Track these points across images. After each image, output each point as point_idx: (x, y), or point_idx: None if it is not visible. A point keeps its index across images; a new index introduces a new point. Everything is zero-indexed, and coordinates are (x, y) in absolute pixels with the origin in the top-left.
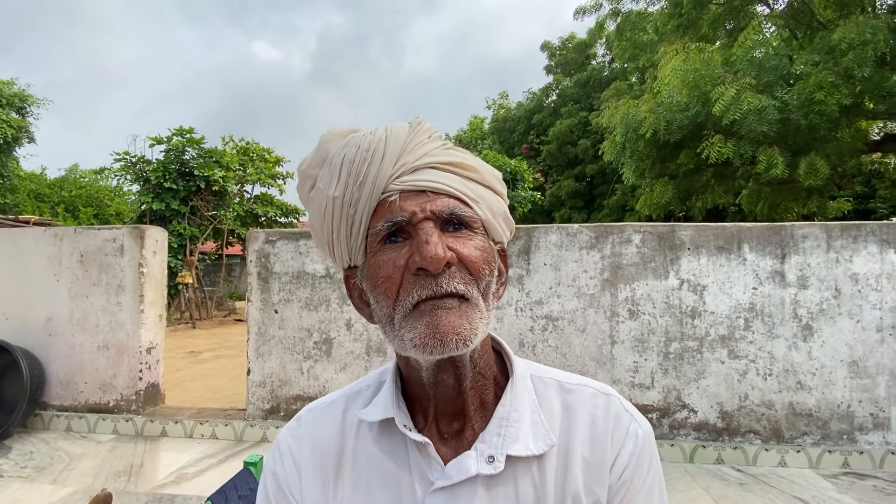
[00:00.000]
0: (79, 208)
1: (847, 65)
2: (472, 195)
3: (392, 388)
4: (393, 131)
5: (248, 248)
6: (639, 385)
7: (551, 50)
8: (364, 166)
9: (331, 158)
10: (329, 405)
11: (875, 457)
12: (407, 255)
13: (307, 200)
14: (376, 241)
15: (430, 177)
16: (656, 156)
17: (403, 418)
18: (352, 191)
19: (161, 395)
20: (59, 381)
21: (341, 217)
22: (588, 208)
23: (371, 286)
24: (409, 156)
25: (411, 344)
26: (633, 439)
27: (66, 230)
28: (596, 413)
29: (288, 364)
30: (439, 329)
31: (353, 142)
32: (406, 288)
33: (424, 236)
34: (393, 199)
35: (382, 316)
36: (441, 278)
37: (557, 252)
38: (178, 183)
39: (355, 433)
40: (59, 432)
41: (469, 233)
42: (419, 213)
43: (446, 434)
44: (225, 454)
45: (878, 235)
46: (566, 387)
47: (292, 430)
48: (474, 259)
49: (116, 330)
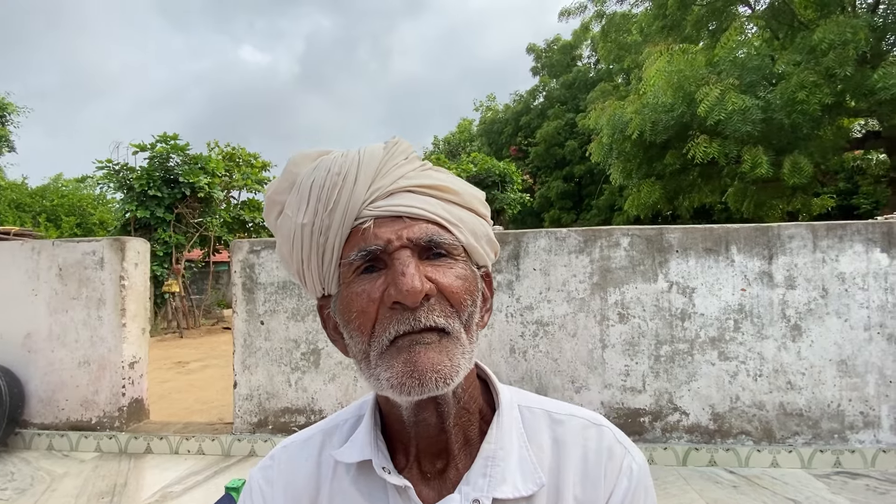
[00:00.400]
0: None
1: (828, 64)
2: (453, 219)
3: (370, 426)
4: (366, 153)
5: (233, 259)
6: (630, 389)
7: (537, 52)
8: (335, 191)
9: (299, 183)
10: (305, 442)
11: (867, 456)
12: (382, 286)
13: (275, 228)
14: (349, 272)
15: (406, 201)
16: (643, 156)
17: (382, 459)
18: (322, 217)
19: (145, 411)
20: (40, 398)
21: (311, 245)
22: (577, 209)
23: (344, 320)
24: (383, 179)
25: (388, 384)
26: (628, 475)
27: (43, 243)
28: (588, 446)
29: (275, 376)
30: (417, 367)
31: (322, 165)
32: (382, 323)
33: (401, 267)
34: (367, 226)
35: (357, 352)
36: (419, 312)
37: (547, 257)
38: (162, 190)
39: (332, 474)
40: (40, 451)
41: (449, 260)
42: (395, 241)
43: (429, 473)
44: (212, 470)
45: (863, 235)
46: (555, 417)
47: (264, 471)
48: (455, 289)
49: (97, 345)
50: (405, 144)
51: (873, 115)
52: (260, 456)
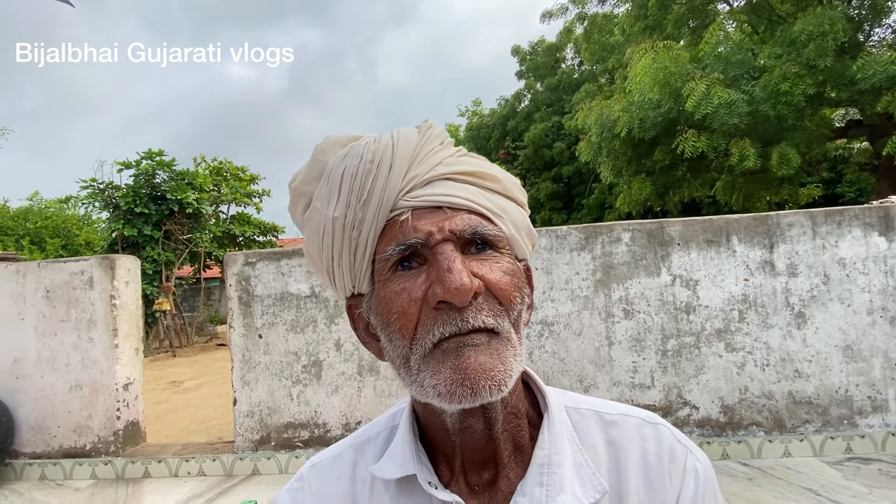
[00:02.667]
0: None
1: (808, 55)
2: (496, 209)
3: (409, 437)
4: (400, 138)
5: (227, 272)
6: (639, 385)
7: (521, 55)
8: (368, 180)
9: (328, 172)
10: (335, 459)
11: (876, 440)
12: (424, 284)
13: (302, 222)
14: (385, 268)
15: (446, 190)
16: (632, 153)
17: (427, 474)
18: (355, 210)
19: (142, 433)
20: (30, 426)
21: (343, 241)
22: (567, 209)
23: (383, 322)
24: (420, 166)
25: (434, 392)
26: (694, 476)
27: (28, 265)
28: (647, 447)
29: (276, 391)
30: (468, 374)
31: (354, 152)
32: (425, 324)
33: (446, 262)
34: (404, 217)
35: (396, 356)
36: (467, 311)
37: (548, 255)
38: (149, 207)
39: (369, 492)
40: (32, 481)
41: (494, 254)
42: (436, 234)
43: (476, 486)
44: (214, 492)
45: (860, 219)
46: (607, 418)
47: (293, 493)
48: (503, 286)
49: (89, 367)
50: (439, 129)
51: (854, 105)
52: (264, 475)
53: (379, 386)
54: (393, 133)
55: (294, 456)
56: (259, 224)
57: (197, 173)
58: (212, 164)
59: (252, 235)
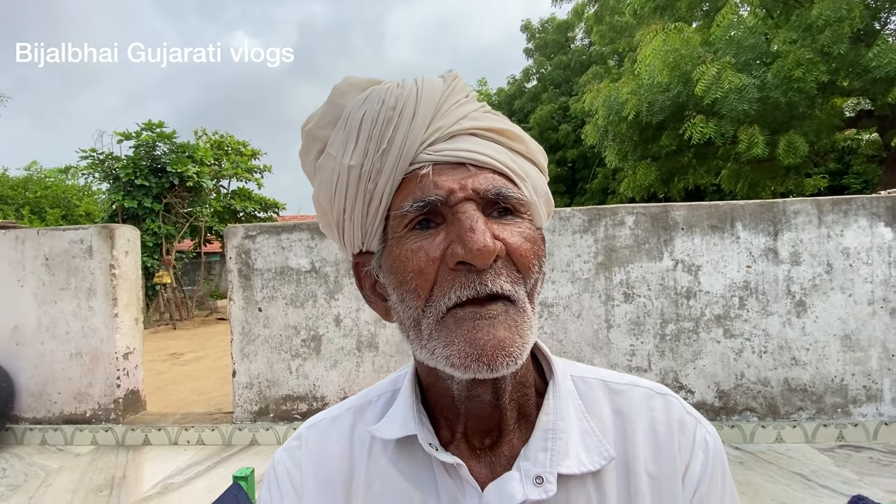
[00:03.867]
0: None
1: (824, 42)
2: (520, 171)
3: (411, 399)
4: (425, 86)
5: (227, 245)
6: (636, 368)
7: (531, 31)
8: (389, 128)
9: (346, 116)
10: (333, 420)
11: (869, 429)
12: (443, 244)
13: (313, 170)
14: (401, 225)
15: (470, 146)
16: (639, 138)
17: (428, 435)
18: (372, 159)
19: (142, 402)
20: (31, 392)
21: (357, 192)
22: (570, 193)
23: (396, 281)
24: (444, 118)
25: (447, 363)
26: (703, 448)
27: (27, 232)
28: (655, 417)
29: (275, 364)
30: (485, 348)
31: (375, 96)
32: (441, 286)
33: (468, 221)
34: (425, 172)
35: (406, 318)
36: (486, 275)
37: (550, 237)
38: (149, 180)
39: (367, 453)
40: (33, 446)
41: (516, 219)
42: (458, 192)
43: (478, 450)
44: (213, 460)
45: (867, 209)
46: (614, 387)
47: (291, 452)
48: (524, 252)
49: (89, 336)
50: (463, 81)
51: (866, 94)
52: (262, 445)
53: (377, 362)
54: (417, 79)
55: (292, 427)
56: (260, 200)
57: (198, 146)
58: (213, 137)
59: (253, 211)
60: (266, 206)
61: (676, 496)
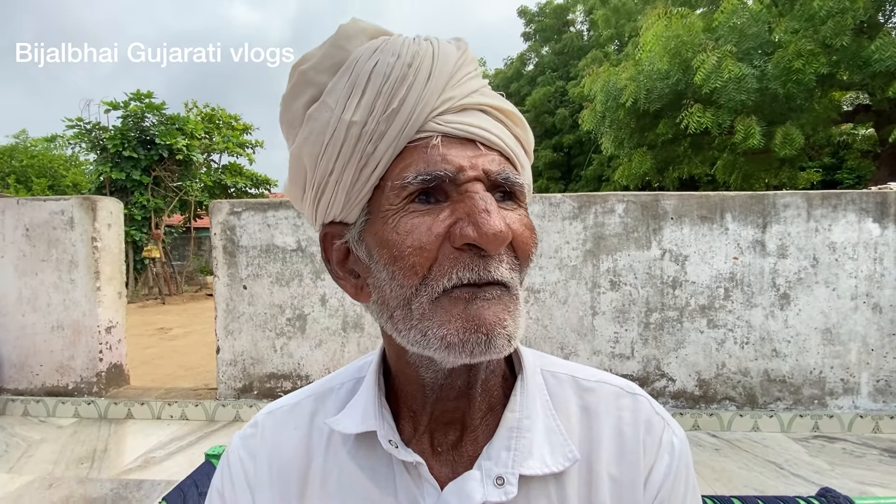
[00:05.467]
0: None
1: (825, 33)
2: (522, 157)
3: (373, 391)
4: (441, 49)
5: (212, 220)
6: (619, 355)
7: (528, 16)
8: (403, 87)
9: (352, 64)
10: (293, 407)
11: (844, 420)
12: (448, 220)
13: (299, 118)
14: (399, 197)
15: (481, 122)
16: (635, 125)
17: (388, 431)
18: (378, 119)
19: (125, 376)
20: (12, 363)
21: (353, 152)
22: (565, 179)
23: (389, 257)
24: (457, 88)
25: (441, 343)
26: (669, 450)
27: (7, 201)
28: (622, 417)
29: (260, 342)
30: (484, 324)
31: (389, 48)
32: (442, 264)
33: (482, 203)
34: (435, 143)
35: (394, 297)
36: (491, 261)
37: (540, 223)
38: (138, 152)
39: (325, 445)
40: (15, 417)
41: (515, 205)
42: (468, 170)
43: (440, 446)
44: (196, 435)
45: (857, 204)
46: (583, 384)
47: (246, 441)
48: (525, 240)
49: (71, 309)
50: (472, 53)
51: (865, 88)
52: (245, 421)
53: (363, 342)
54: (432, 40)
55: None
56: (251, 176)
57: (188, 119)
58: (204, 110)
59: (244, 187)
60: (257, 182)
61: (637, 499)
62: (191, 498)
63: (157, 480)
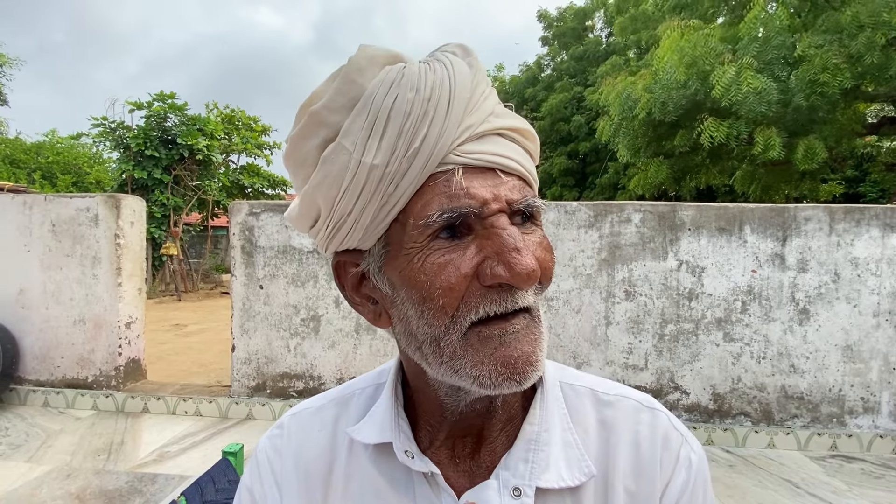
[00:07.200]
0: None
1: (856, 49)
2: (534, 174)
3: (391, 402)
4: (456, 71)
5: (231, 220)
6: (632, 366)
7: (548, 20)
8: (424, 124)
9: (368, 102)
10: (317, 411)
11: (863, 440)
12: (475, 258)
13: (312, 160)
14: (423, 235)
15: (499, 149)
16: (652, 134)
17: (405, 442)
18: (400, 160)
19: (142, 371)
20: (35, 355)
21: (374, 194)
22: (580, 186)
23: (418, 297)
24: (474, 114)
25: (474, 382)
26: (686, 466)
27: (35, 197)
28: (640, 432)
29: (274, 341)
30: (516, 365)
31: (407, 81)
32: (468, 301)
33: (511, 241)
34: (457, 178)
35: (421, 333)
36: (518, 292)
37: (555, 231)
38: (160, 151)
39: (348, 449)
40: (35, 407)
41: (534, 227)
42: (492, 203)
43: (458, 456)
44: (209, 432)
45: (881, 219)
46: (602, 398)
47: (272, 440)
48: (547, 264)
49: (93, 303)
50: (481, 64)
51: (891, 100)
52: (258, 420)
53: (375, 345)
54: (446, 63)
55: (288, 404)
56: (268, 177)
57: (208, 119)
58: (224, 111)
59: (260, 187)
60: (274, 182)
61: None
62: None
63: (171, 475)
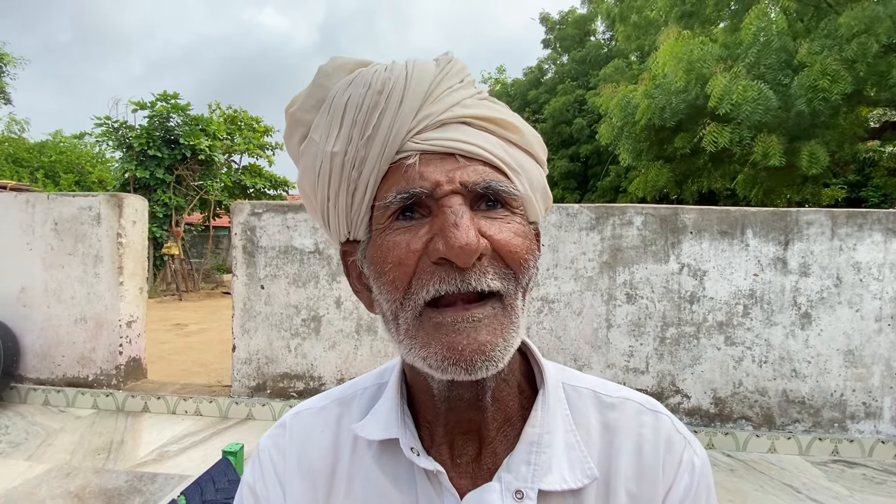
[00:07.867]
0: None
1: (849, 54)
2: (513, 164)
3: (396, 400)
4: (416, 69)
5: (233, 221)
6: (633, 369)
7: (550, 23)
8: (375, 114)
9: (330, 100)
10: (319, 411)
11: (865, 445)
12: (426, 236)
13: (297, 154)
14: (384, 216)
15: (461, 135)
16: (654, 138)
17: (410, 439)
18: (357, 146)
19: (143, 370)
20: (36, 353)
21: (341, 180)
22: (581, 189)
23: (376, 272)
24: (435, 104)
25: (424, 363)
26: (689, 470)
27: (38, 196)
28: (643, 435)
29: (275, 341)
30: (463, 352)
31: (360, 79)
32: (420, 278)
33: (452, 217)
34: (411, 161)
35: (386, 310)
36: (470, 273)
37: (556, 233)
38: (162, 151)
39: (351, 448)
40: (36, 406)
41: (506, 213)
42: (445, 185)
43: (460, 458)
44: (209, 431)
45: (883, 224)
46: (605, 400)
47: (275, 440)
48: (513, 248)
49: (94, 302)
50: (460, 64)
51: (893, 105)
52: (258, 420)
53: (375, 346)
54: (407, 62)
55: (288, 405)
56: (270, 177)
57: (211, 120)
58: (226, 111)
59: (262, 188)
60: (276, 183)
61: None
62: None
63: (171, 474)
